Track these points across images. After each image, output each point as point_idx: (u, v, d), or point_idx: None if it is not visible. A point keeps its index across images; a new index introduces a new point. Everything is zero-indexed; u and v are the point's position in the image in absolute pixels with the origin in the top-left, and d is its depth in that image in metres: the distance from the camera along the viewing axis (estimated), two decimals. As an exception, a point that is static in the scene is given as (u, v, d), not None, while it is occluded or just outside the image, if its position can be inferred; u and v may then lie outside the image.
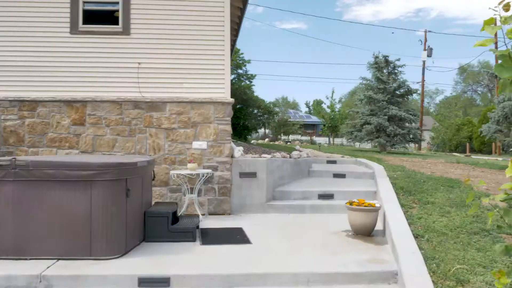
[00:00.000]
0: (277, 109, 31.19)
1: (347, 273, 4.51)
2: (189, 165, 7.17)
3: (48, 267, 4.58)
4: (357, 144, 29.35)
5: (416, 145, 28.77)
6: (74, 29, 7.81)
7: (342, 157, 12.75)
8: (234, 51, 17.05)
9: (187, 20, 7.90)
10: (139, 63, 7.80)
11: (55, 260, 4.82)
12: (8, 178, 4.89)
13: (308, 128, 49.15)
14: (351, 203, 6.13)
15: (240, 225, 6.75)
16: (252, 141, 21.92)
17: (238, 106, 16.67)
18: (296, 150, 11.22)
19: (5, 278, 4.38)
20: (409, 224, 5.73)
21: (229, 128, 7.88)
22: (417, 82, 36.24)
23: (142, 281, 4.36)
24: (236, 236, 6.02)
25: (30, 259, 4.87)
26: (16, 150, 7.70)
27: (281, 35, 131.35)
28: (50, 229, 4.88)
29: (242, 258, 4.99)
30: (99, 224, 4.87)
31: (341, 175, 9.70)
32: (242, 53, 24.22)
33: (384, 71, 20.91)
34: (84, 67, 7.77)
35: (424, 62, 33.97)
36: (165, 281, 4.36)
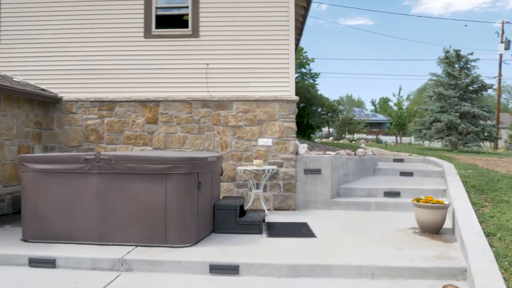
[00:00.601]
0: (341, 108, 30.76)
1: (413, 268, 4.47)
2: (255, 161, 7.40)
3: (128, 252, 5.00)
4: (426, 143, 28.21)
5: (492, 143, 27.07)
6: (147, 33, 8.35)
7: (410, 155, 12.41)
8: (297, 50, 17.13)
9: (252, 21, 8.16)
10: (207, 64, 8.18)
11: (134, 247, 5.24)
12: (93, 171, 5.40)
13: (373, 126, 47.94)
14: (418, 200, 6.02)
15: (305, 220, 6.87)
16: (316, 140, 21.86)
17: (301, 105, 16.73)
18: (361, 148, 11.11)
19: (91, 260, 4.86)
20: (480, 222, 5.53)
21: (293, 125, 8.02)
22: (493, 77, 34.06)
23: (213, 267, 4.64)
24: (301, 230, 6.15)
25: (112, 245, 5.33)
26: (96, 147, 8.38)
27: (346, 32, 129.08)
28: (131, 217, 5.32)
29: (307, 251, 5.12)
30: (174, 214, 5.23)
31: (408, 173, 9.48)
32: (305, 52, 24.23)
33: (456, 66, 19.91)
34: (157, 69, 8.28)
35: (501, 55, 31.84)
36: (235, 268, 4.60)
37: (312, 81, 23.62)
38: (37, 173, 5.53)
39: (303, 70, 24.22)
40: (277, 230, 6.15)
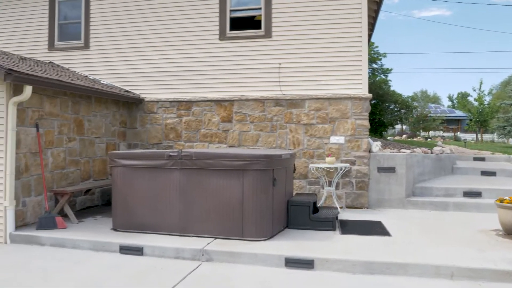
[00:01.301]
0: (415, 104, 29.55)
1: (496, 270, 4.30)
2: (327, 159, 7.44)
3: (208, 244, 5.31)
4: (510, 141, 26.25)
5: None
6: (222, 36, 8.69)
7: (492, 154, 11.71)
8: (368, 45, 16.79)
9: (324, 19, 8.19)
10: (279, 63, 8.34)
11: (213, 239, 5.55)
12: (175, 167, 5.78)
13: (451, 123, 45.39)
14: (501, 201, 5.73)
15: (379, 219, 6.80)
16: (388, 138, 21.23)
17: (373, 102, 16.38)
18: (437, 146, 10.68)
19: (175, 249, 5.22)
20: None
21: (366, 123, 7.95)
22: None
23: (288, 261, 4.80)
24: (375, 229, 6.11)
25: (192, 236, 5.68)
26: (174, 144, 8.89)
27: (419, 25, 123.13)
28: (209, 211, 5.63)
29: (382, 248, 5.10)
30: (250, 209, 5.46)
31: (491, 173, 8.99)
32: (376, 47, 23.59)
33: (545, 57, 18.34)
34: (231, 69, 8.60)
35: None
36: (309, 263, 4.72)
37: (384, 77, 22.94)
38: (125, 168, 6.03)
39: (374, 65, 23.61)
40: (350, 228, 6.17)
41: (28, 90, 5.94)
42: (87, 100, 7.76)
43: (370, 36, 12.51)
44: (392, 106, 18.50)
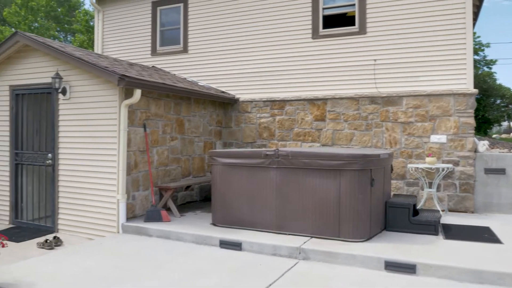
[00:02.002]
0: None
1: None
2: (428, 159, 7.07)
3: (304, 242, 5.35)
4: None
5: None
6: (315, 34, 8.66)
7: None
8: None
9: (423, 11, 7.78)
10: (374, 60, 8.10)
11: (309, 237, 5.57)
12: (272, 166, 5.90)
13: None
14: None
15: (487, 224, 6.32)
16: (494, 136, 19.58)
17: (476, 97, 15.24)
18: (554, 145, 9.61)
19: (272, 246, 5.34)
20: None
21: (471, 120, 7.41)
22: None
23: (388, 264, 4.66)
24: (483, 235, 5.68)
25: (288, 234, 5.76)
26: (268, 143, 9.06)
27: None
28: (305, 210, 5.66)
29: (491, 257, 4.73)
30: (347, 209, 5.39)
31: None
32: (478, 37, 21.89)
33: None
34: (324, 68, 8.54)
35: None
36: (411, 267, 4.54)
37: (487, 69, 21.21)
38: (224, 166, 6.29)
39: (476, 57, 21.91)
40: (454, 233, 5.80)
41: (137, 93, 6.46)
42: (187, 101, 8.21)
43: (473, 26, 11.63)
44: (498, 101, 17.02)
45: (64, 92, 6.93)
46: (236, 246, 5.53)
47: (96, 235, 6.62)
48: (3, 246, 4.40)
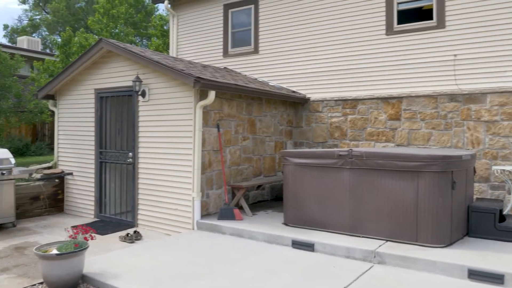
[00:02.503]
0: None
1: None
2: (515, 161, 6.55)
3: (379, 246, 5.18)
4: None
5: None
6: (389, 30, 8.35)
7: None
8: None
9: (508, 2, 7.20)
10: (454, 55, 7.65)
11: (384, 241, 5.39)
12: (345, 166, 5.79)
13: None
14: None
15: None
16: None
17: None
18: None
19: (346, 249, 5.24)
20: None
21: None
22: None
23: (472, 273, 4.38)
24: None
25: (362, 236, 5.62)
26: (339, 143, 8.90)
27: None
28: (379, 213, 5.49)
29: None
30: (426, 213, 5.15)
31: None
32: None
33: None
34: (398, 65, 8.21)
35: None
36: (499, 277, 4.23)
37: None
38: (296, 166, 6.28)
39: None
40: (548, 241, 5.32)
41: (211, 94, 6.65)
42: (258, 102, 8.30)
43: None
44: None
45: (143, 94, 7.31)
46: (308, 246, 5.50)
47: (172, 230, 6.92)
48: (92, 239, 4.74)
